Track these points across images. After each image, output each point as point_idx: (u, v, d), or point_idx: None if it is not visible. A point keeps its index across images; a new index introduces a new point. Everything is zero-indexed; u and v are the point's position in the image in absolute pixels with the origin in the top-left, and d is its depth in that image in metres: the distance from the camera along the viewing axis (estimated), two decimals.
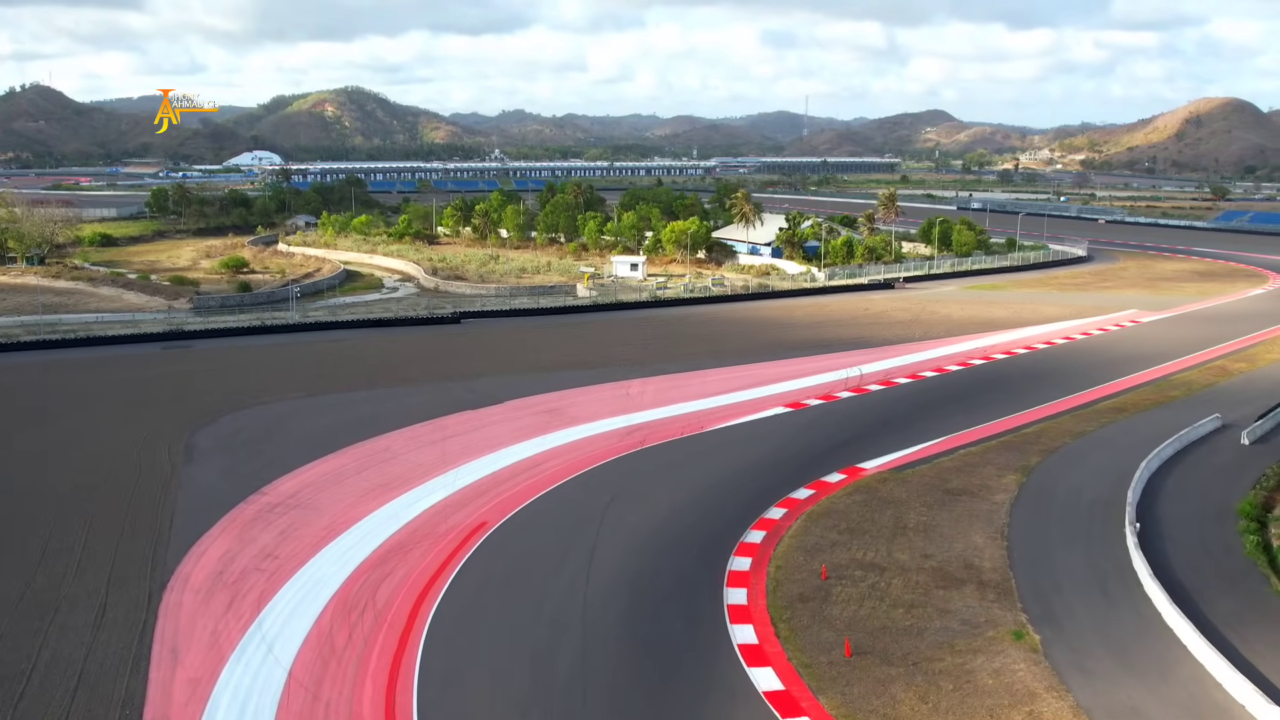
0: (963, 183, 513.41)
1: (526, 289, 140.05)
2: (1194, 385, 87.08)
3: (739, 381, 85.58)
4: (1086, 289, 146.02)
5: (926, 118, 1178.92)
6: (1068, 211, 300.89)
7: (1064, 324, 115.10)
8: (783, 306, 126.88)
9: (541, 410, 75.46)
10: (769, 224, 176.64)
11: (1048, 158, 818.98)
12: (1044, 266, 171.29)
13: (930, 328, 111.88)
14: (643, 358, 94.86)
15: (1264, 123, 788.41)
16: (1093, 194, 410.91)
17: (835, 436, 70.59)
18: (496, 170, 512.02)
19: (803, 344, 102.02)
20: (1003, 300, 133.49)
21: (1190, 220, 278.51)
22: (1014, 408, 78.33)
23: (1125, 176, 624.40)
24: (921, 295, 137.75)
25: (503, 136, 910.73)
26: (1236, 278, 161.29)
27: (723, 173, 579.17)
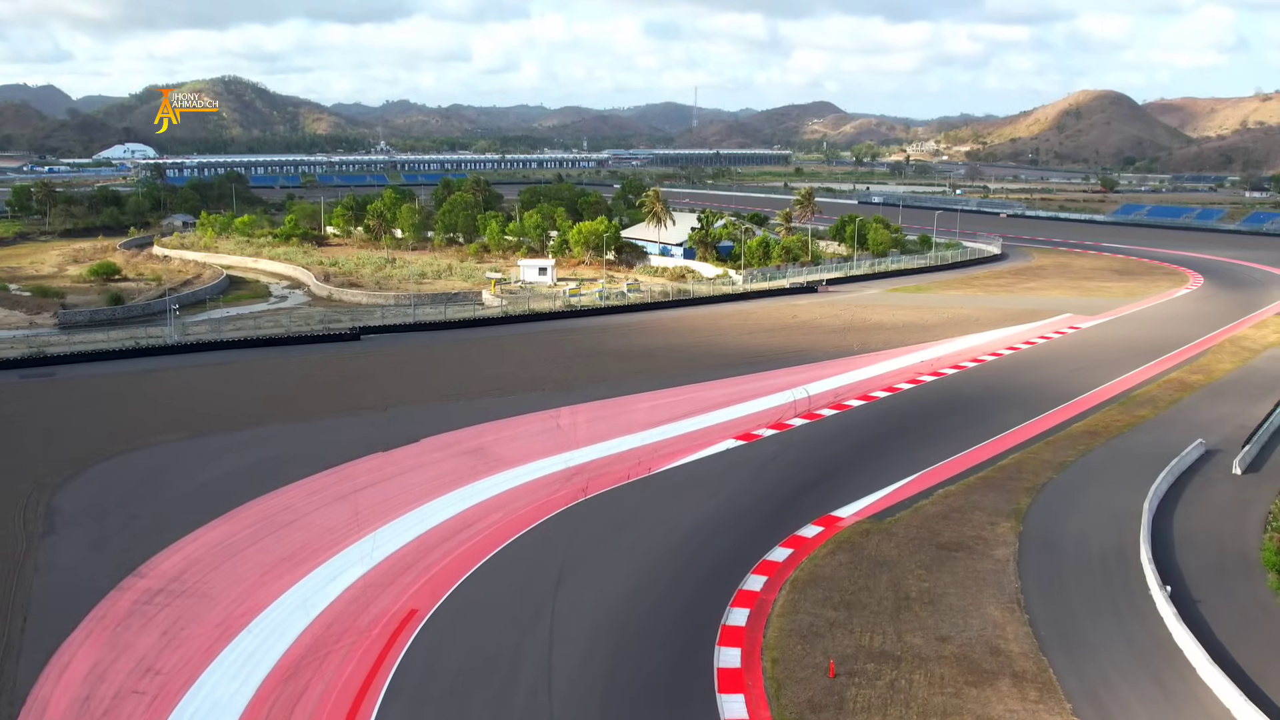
0: (855, 175, 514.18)
1: (429, 297, 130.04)
2: (1159, 402, 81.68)
3: (679, 407, 77.43)
4: (1013, 290, 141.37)
5: (813, 109, 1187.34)
6: (968, 205, 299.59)
7: (1003, 331, 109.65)
8: (706, 315, 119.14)
9: (464, 449, 66.29)
10: (680, 223, 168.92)
11: (934, 149, 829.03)
12: (962, 266, 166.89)
13: (866, 338, 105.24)
14: (568, 379, 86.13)
15: (1139, 115, 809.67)
16: (986, 186, 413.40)
17: (798, 476, 62.87)
18: (384, 163, 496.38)
19: (738, 359, 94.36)
20: (931, 304, 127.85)
21: (1089, 214, 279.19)
22: (981, 434, 71.76)
23: (1012, 168, 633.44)
24: (847, 300, 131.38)
25: (388, 128, 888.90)
26: (1156, 276, 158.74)
27: (615, 165, 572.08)
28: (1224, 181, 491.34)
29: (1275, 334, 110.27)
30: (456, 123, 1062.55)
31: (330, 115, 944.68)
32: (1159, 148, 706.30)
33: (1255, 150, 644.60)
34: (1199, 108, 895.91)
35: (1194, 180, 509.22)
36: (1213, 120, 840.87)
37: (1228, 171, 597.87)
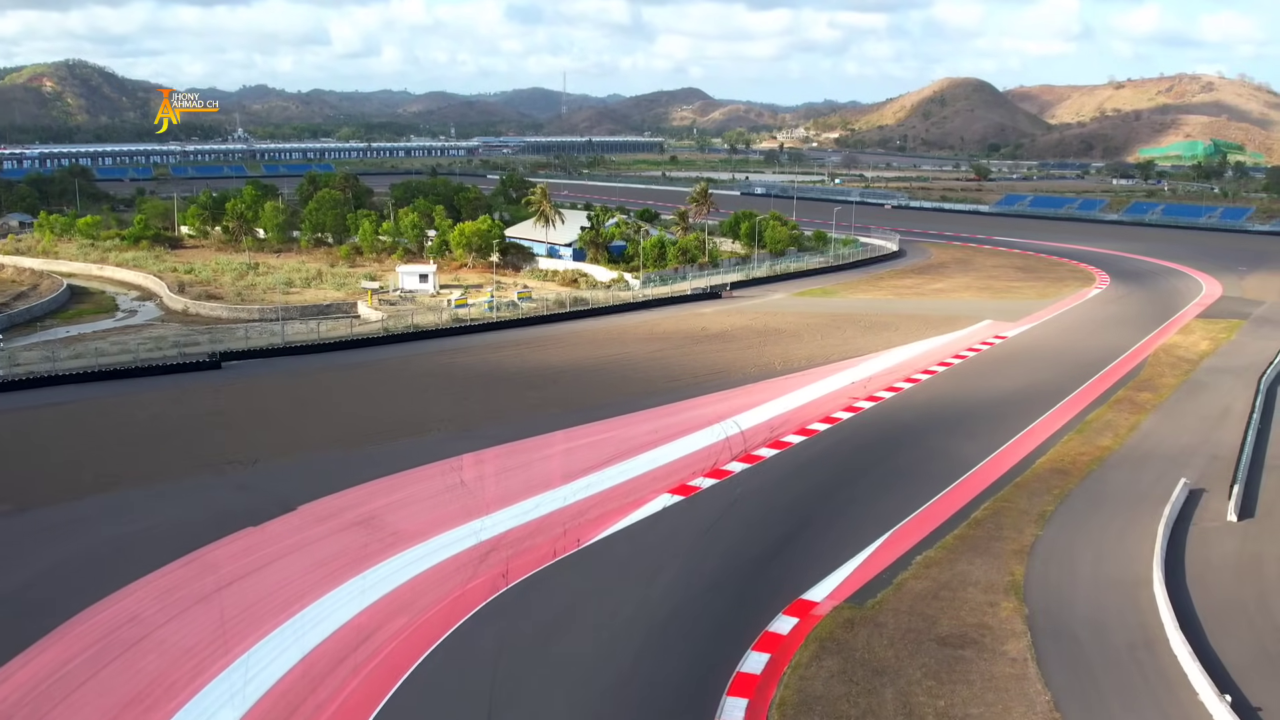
0: (732, 163, 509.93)
1: (298, 309, 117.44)
2: (1117, 428, 74.86)
3: (599, 450, 67.53)
4: (923, 293, 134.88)
5: (681, 96, 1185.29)
6: (850, 196, 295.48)
7: (928, 343, 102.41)
8: (608, 328, 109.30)
9: (350, 520, 55.24)
10: (569, 222, 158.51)
11: (804, 136, 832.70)
12: (864, 265, 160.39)
13: (786, 353, 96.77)
14: (466, 416, 75.37)
15: (1001, 102, 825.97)
16: (863, 175, 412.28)
17: (753, 544, 53.55)
18: (242, 152, 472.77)
19: (654, 383, 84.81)
20: (844, 311, 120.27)
21: (972, 204, 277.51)
22: (942, 476, 63.63)
23: (882, 155, 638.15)
24: (754, 307, 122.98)
25: (245, 114, 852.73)
26: (1061, 274, 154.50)
27: (486, 153, 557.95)
28: (1089, 168, 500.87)
29: (1205, 341, 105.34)
30: (318, 108, 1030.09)
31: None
32: (1021, 134, 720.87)
33: (1114, 137, 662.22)
34: (1056, 95, 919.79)
35: (1060, 167, 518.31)
36: (1069, 107, 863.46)
37: (1089, 158, 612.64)
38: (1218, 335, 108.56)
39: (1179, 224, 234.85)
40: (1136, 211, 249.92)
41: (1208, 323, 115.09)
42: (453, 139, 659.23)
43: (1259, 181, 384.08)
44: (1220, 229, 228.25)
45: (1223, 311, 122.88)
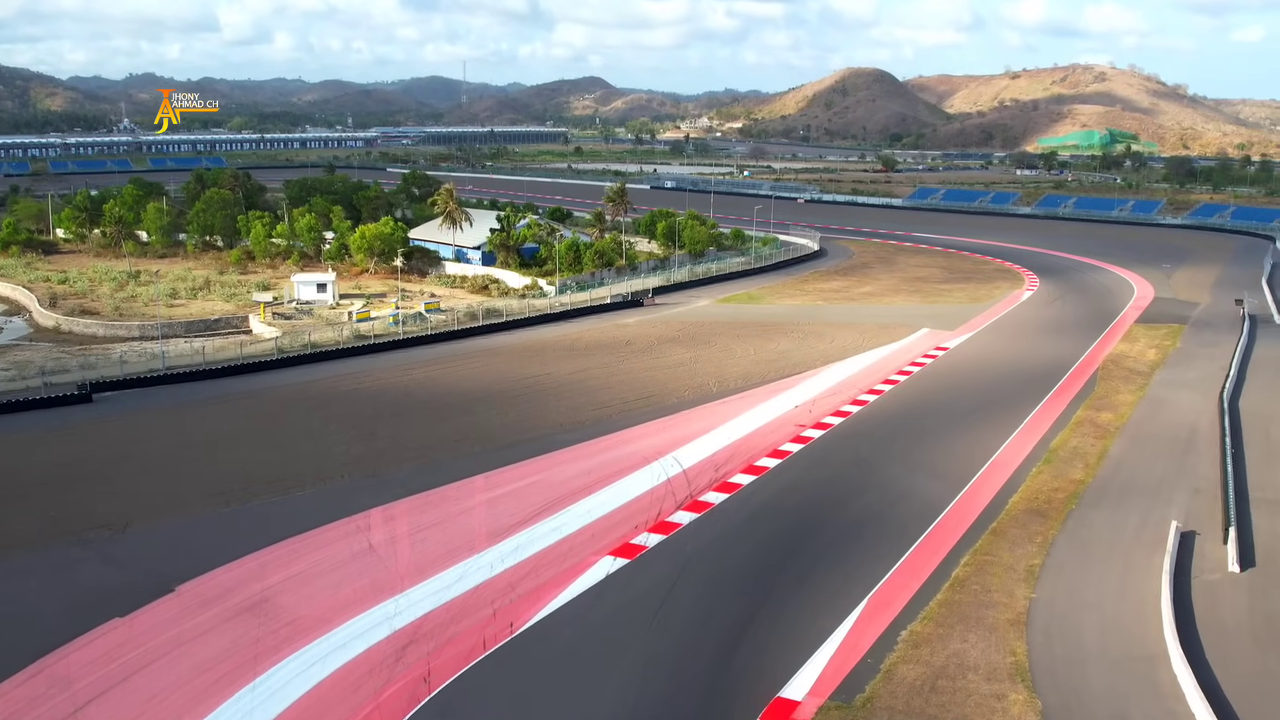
0: (637, 154, 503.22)
1: (183, 325, 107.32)
2: (1086, 457, 69.28)
3: (526, 498, 59.73)
4: (852, 298, 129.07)
5: (583, 85, 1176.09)
6: (760, 189, 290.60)
7: (867, 357, 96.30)
8: (526, 342, 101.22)
9: (239, 605, 46.66)
10: (477, 223, 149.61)
11: (707, 126, 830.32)
12: (785, 266, 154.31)
13: (720, 371, 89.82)
14: (373, 457, 66.84)
15: (902, 92, 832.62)
16: (771, 166, 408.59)
17: (713, 622, 46.24)
18: (128, 145, 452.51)
19: (580, 411, 77.07)
20: (773, 320, 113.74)
21: (885, 198, 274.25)
22: (911, 525, 57.22)
23: (786, 145, 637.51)
24: (679, 316, 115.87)
25: (132, 104, 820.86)
26: (988, 274, 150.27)
27: (385, 144, 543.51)
28: (991, 158, 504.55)
29: (1152, 350, 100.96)
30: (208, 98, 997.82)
31: (66, 90, 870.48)
32: (922, 124, 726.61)
33: (1013, 126, 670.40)
34: (953, 85, 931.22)
35: (963, 157, 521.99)
36: (967, 97, 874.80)
37: (989, 147, 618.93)
38: (1162, 343, 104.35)
39: (1092, 217, 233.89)
40: (1049, 205, 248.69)
41: (1149, 329, 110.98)
42: (350, 129, 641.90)
43: (1158, 171, 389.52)
44: (1133, 223, 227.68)
45: (1161, 315, 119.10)
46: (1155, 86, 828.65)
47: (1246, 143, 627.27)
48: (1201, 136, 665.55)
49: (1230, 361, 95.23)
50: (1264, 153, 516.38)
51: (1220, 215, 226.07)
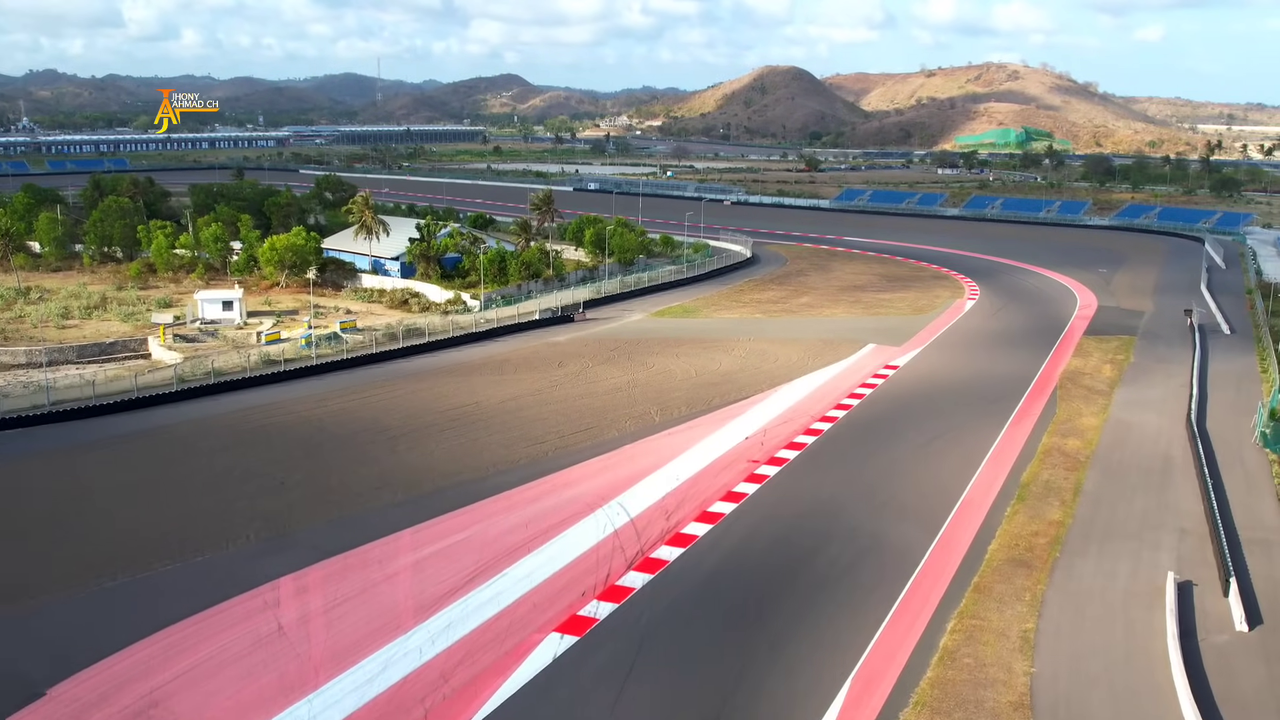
0: (557, 153, 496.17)
1: (75, 350, 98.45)
2: (1061, 493, 64.55)
3: (456, 559, 53.12)
4: (792, 310, 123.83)
5: (500, 82, 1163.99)
6: (685, 190, 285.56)
7: (814, 378, 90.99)
8: (450, 366, 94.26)
9: (122, 712, 39.53)
10: (395, 231, 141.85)
11: (627, 124, 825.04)
12: (719, 274, 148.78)
13: (661, 397, 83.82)
14: (283, 511, 59.55)
15: (820, 90, 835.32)
16: (693, 166, 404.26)
17: (678, 715, 40.23)
18: (26, 145, 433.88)
19: (512, 449, 70.48)
20: (712, 335, 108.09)
21: (812, 199, 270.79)
22: (885, 580, 51.84)
23: (707, 143, 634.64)
24: (612, 331, 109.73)
25: (32, 101, 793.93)
26: (926, 281, 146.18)
27: (297, 144, 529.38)
28: (911, 156, 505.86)
29: (1107, 366, 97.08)
30: (114, 95, 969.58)
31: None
32: (841, 122, 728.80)
33: (931, 125, 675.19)
34: (870, 83, 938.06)
35: (883, 155, 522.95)
36: (883, 95, 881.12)
37: (908, 145, 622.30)
38: (1116, 357, 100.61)
39: (1019, 219, 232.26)
40: (976, 206, 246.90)
41: (1100, 341, 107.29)
42: (262, 128, 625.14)
43: (1077, 170, 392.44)
44: (1061, 224, 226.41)
45: (1109, 326, 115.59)
46: (1067, 84, 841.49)
47: (1157, 140, 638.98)
48: (1113, 134, 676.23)
49: (1190, 378, 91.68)
50: (1178, 150, 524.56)
51: (1147, 216, 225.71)
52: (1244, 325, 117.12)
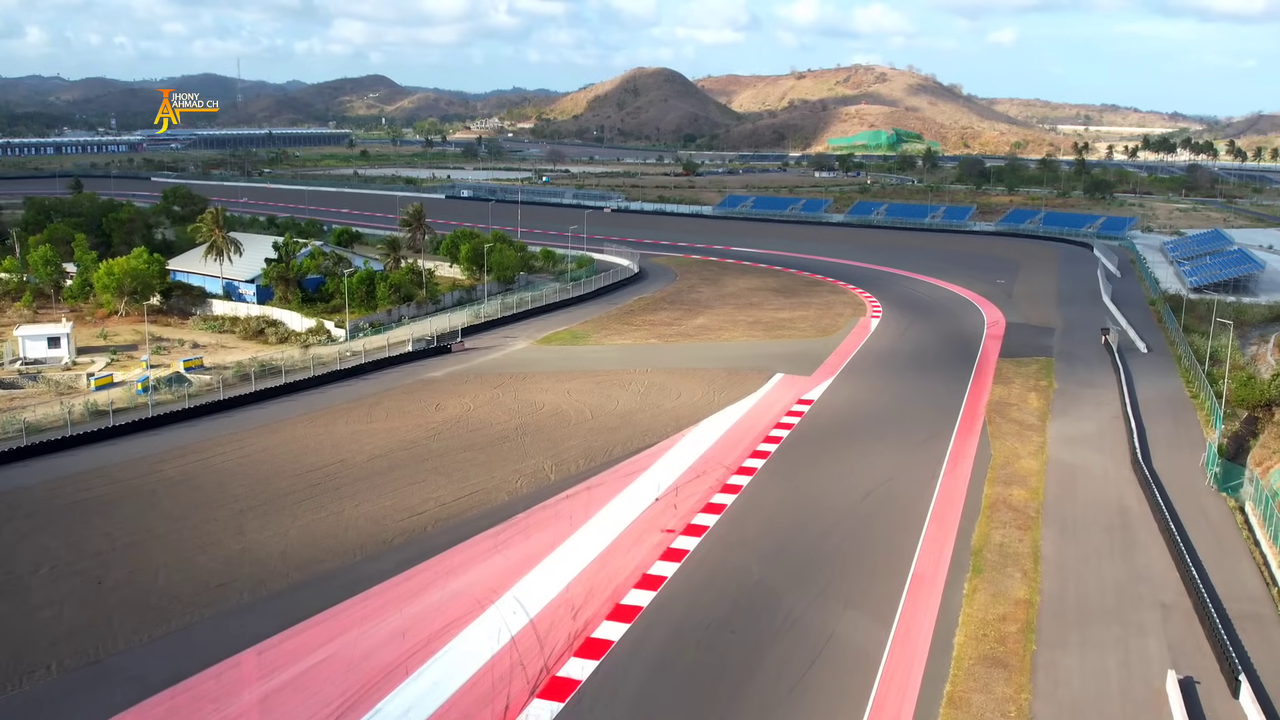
0: (427, 157, 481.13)
1: None
2: (1021, 560, 56.69)
3: (314, 689, 42.46)
4: (688, 334, 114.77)
5: (366, 83, 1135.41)
6: (563, 197, 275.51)
7: (722, 418, 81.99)
8: (310, 413, 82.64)
9: None
10: (250, 250, 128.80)
11: (498, 126, 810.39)
12: (606, 293, 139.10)
13: (556, 449, 73.82)
14: (102, 623, 47.78)
15: (692, 92, 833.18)
16: (568, 170, 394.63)
17: None
18: None
19: (383, 525, 59.76)
20: (604, 365, 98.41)
21: (694, 205, 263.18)
22: (846, 698, 42.88)
23: (580, 146, 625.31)
24: (496, 366, 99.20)
25: None
26: (823, 295, 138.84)
27: (151, 148, 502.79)
28: (787, 160, 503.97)
29: (1033, 394, 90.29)
30: None
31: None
32: (715, 124, 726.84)
33: (804, 127, 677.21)
34: (742, 85, 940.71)
35: (759, 158, 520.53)
36: (755, 97, 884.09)
37: (782, 147, 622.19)
38: (1038, 383, 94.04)
39: (906, 225, 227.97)
40: (861, 212, 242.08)
41: (1018, 365, 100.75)
42: (114, 131, 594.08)
43: (951, 172, 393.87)
44: (947, 230, 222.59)
45: (1023, 346, 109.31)
46: (933, 86, 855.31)
47: (1022, 141, 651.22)
48: (980, 135, 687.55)
49: (1121, 407, 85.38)
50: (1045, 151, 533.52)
51: (1032, 221, 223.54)
52: (1158, 342, 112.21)
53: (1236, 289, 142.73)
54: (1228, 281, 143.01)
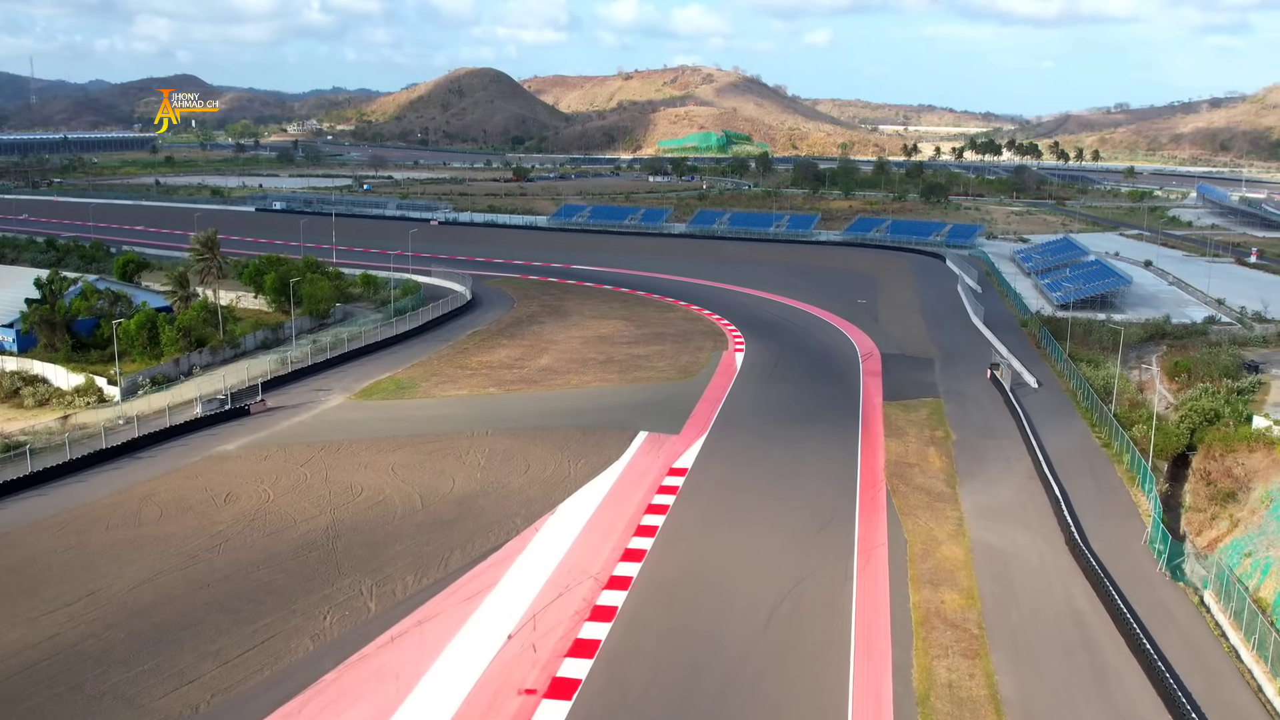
0: (239, 163, 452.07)
1: None
2: (973, 704, 44.75)
3: None
4: (532, 379, 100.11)
5: (175, 83, 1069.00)
6: (386, 209, 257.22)
7: (581, 500, 68.06)
8: (63, 515, 65.15)
9: None
10: (7, 284, 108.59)
11: (317, 128, 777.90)
12: (436, 326, 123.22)
13: (377, 560, 58.58)
14: None
15: (519, 93, 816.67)
16: (391, 177, 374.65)
17: None
18: None
19: (145, 699, 43.79)
20: (439, 431, 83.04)
21: (528, 217, 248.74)
22: None
23: (407, 150, 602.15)
24: (303, 432, 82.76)
25: None
26: (679, 326, 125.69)
27: None
28: (619, 164, 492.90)
29: (932, 450, 79.00)
30: None
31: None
32: (543, 126, 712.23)
33: (634, 129, 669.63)
34: (569, 85, 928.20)
35: (590, 161, 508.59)
36: (583, 98, 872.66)
37: (612, 150, 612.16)
38: (934, 433, 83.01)
39: (751, 235, 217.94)
40: (703, 222, 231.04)
41: (905, 410, 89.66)
42: None
43: (786, 175, 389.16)
44: (794, 240, 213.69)
45: (905, 384, 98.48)
46: (759, 87, 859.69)
47: (848, 142, 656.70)
48: (808, 136, 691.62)
49: (1034, 465, 74.95)
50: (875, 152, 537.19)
51: (878, 230, 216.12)
52: (1045, 374, 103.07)
53: (1104, 305, 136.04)
54: (1095, 298, 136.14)
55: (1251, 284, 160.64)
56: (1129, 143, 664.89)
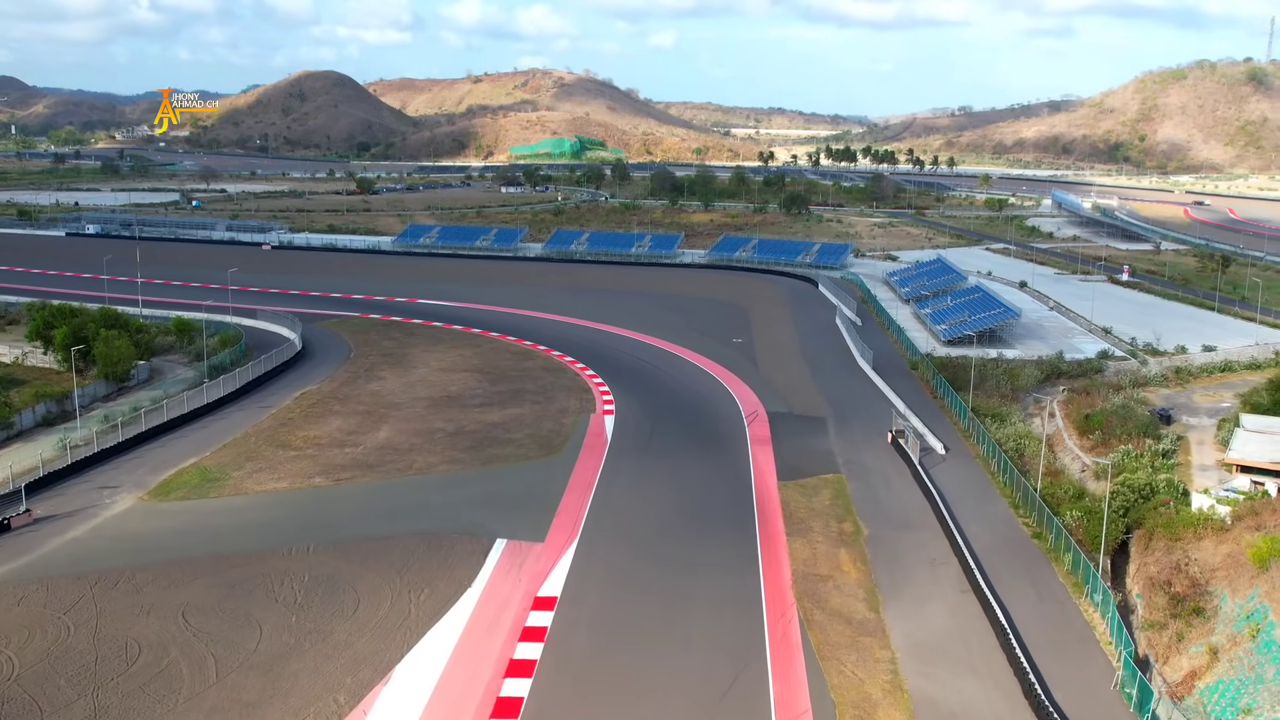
0: (58, 174, 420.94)
1: None
2: None
3: None
4: (366, 460, 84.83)
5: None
6: (213, 231, 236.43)
7: (426, 651, 54.09)
8: None
9: None
10: None
11: (148, 134, 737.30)
12: (256, 388, 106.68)
13: None
14: None
15: (365, 97, 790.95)
16: (224, 190, 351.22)
17: None
18: None
19: None
20: (248, 548, 67.65)
21: (371, 238, 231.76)
22: None
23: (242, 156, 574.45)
24: (77, 554, 66.34)
25: None
26: (539, 379, 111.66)
27: None
28: (470, 173, 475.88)
29: (844, 553, 67.05)
30: None
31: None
32: (390, 132, 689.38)
33: (485, 134, 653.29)
34: (417, 89, 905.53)
35: (440, 170, 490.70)
36: (430, 101, 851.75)
37: (463, 156, 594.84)
38: (842, 527, 71.15)
39: (612, 258, 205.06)
40: (561, 243, 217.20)
41: (805, 494, 77.58)
42: None
43: (642, 184, 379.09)
44: (657, 263, 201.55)
45: (800, 458, 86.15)
46: (612, 91, 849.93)
47: (703, 147, 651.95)
48: (662, 142, 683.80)
49: (964, 573, 63.68)
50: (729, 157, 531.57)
51: (744, 249, 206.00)
52: (948, 433, 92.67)
53: (993, 339, 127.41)
54: (983, 333, 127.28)
55: (1130, 306, 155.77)
56: (975, 145, 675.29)
